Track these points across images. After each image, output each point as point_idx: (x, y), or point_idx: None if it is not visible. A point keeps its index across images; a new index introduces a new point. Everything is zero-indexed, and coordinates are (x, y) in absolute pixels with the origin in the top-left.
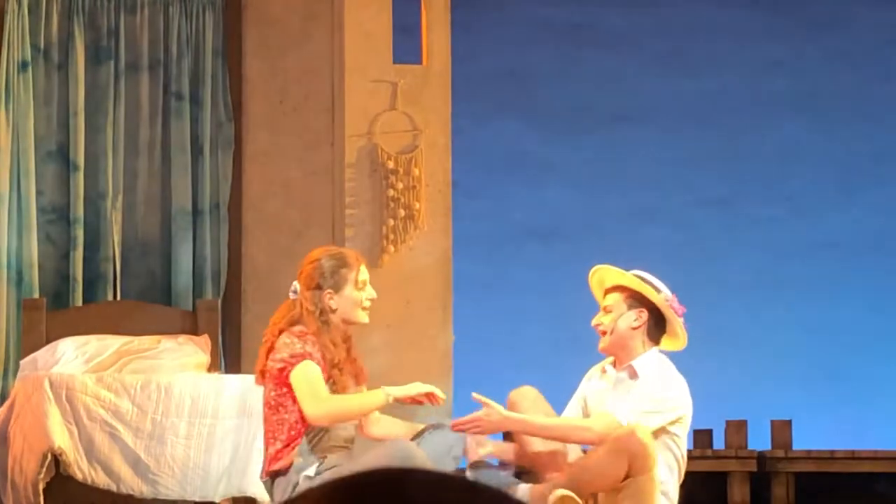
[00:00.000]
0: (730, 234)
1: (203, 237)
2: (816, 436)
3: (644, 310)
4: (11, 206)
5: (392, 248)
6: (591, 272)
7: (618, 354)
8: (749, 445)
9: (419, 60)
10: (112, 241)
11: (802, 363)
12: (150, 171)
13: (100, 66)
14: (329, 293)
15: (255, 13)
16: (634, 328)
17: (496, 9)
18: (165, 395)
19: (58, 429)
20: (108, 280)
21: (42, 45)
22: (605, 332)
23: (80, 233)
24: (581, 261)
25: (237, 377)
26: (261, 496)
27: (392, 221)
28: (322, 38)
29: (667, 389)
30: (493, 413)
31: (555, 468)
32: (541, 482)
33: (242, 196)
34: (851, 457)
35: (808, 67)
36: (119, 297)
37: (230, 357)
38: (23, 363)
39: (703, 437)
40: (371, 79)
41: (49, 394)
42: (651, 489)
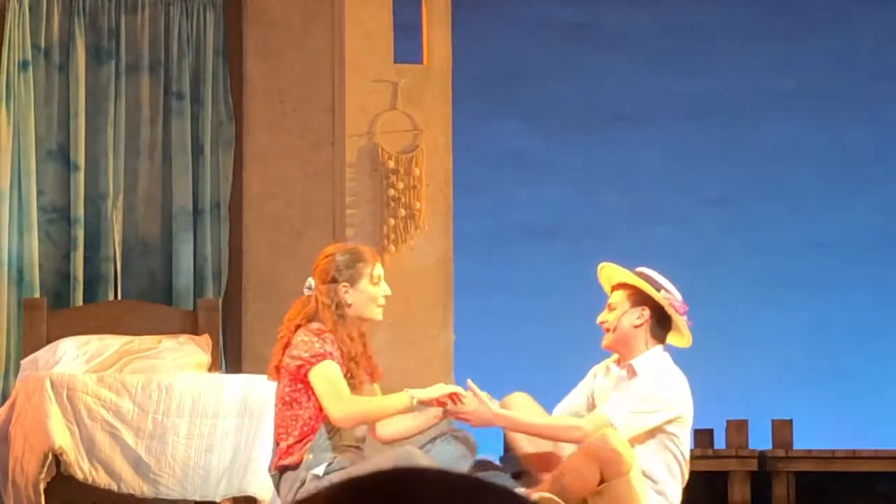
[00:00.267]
0: (730, 234)
1: (203, 237)
2: (817, 435)
3: (647, 308)
4: (12, 206)
5: (393, 248)
6: (599, 269)
7: (621, 352)
8: (750, 445)
9: (420, 60)
10: (113, 241)
11: (803, 363)
12: (151, 171)
13: (100, 66)
14: (345, 286)
15: (256, 13)
16: (637, 326)
17: (496, 9)
18: (166, 395)
19: (59, 429)
20: (109, 280)
21: (43, 45)
22: (609, 330)
23: (81, 232)
24: (581, 261)
25: (238, 377)
26: (261, 496)
27: (392, 221)
28: (322, 38)
29: (663, 389)
30: (484, 410)
31: (547, 469)
32: (535, 483)
33: (243, 196)
34: (852, 456)
35: (808, 67)
36: (120, 297)
37: (231, 357)
38: (23, 363)
39: (704, 437)
40: (371, 78)
41: (50, 394)
42: (628, 492)
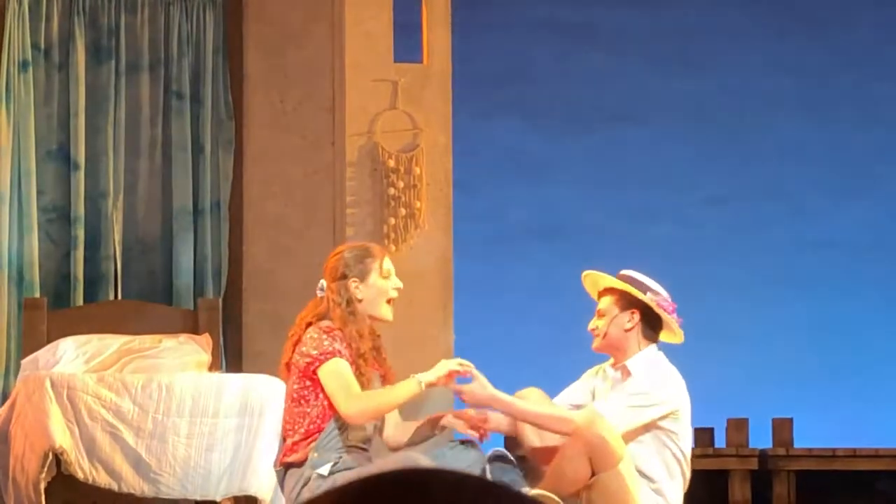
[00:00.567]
0: (730, 234)
1: (204, 236)
2: (817, 434)
3: (636, 310)
4: (12, 206)
5: (393, 248)
6: (583, 276)
7: (614, 355)
8: (750, 444)
9: (420, 59)
10: (113, 241)
11: (803, 361)
12: (151, 171)
13: (100, 66)
14: (355, 281)
15: (256, 12)
16: (627, 330)
17: (496, 9)
18: (166, 395)
19: (59, 428)
20: (109, 279)
21: (42, 45)
22: (599, 336)
23: (81, 232)
24: (582, 260)
25: (238, 376)
26: (262, 495)
27: (393, 220)
28: (323, 37)
29: (655, 384)
30: (479, 388)
31: (549, 461)
32: (539, 476)
33: (243, 195)
34: (852, 455)
35: (809, 67)
36: (120, 297)
37: (231, 356)
38: (24, 363)
39: (705, 436)
40: (371, 78)
41: (50, 393)
42: (619, 485)
